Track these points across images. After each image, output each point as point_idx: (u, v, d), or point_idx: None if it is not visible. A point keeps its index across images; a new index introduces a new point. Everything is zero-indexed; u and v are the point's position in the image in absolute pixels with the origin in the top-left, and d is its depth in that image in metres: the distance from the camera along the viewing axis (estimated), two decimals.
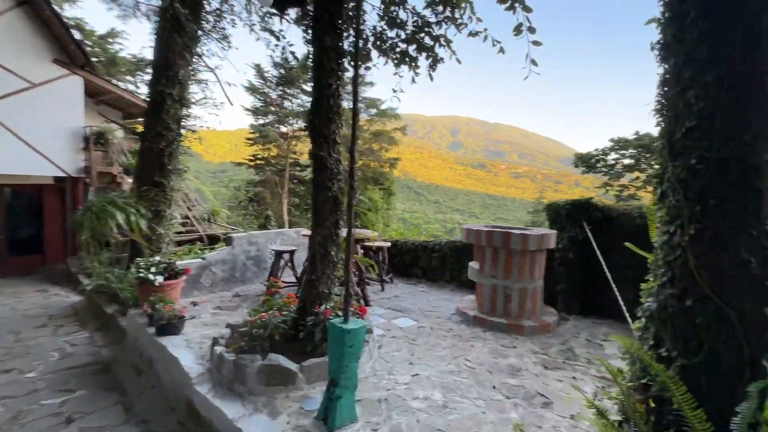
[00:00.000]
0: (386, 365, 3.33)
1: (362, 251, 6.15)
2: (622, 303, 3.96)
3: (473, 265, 4.88)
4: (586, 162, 20.63)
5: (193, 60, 6.83)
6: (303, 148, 35.98)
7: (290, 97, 32.68)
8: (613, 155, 20.10)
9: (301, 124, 33.89)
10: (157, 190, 6.31)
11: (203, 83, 8.41)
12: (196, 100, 10.17)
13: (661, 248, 1.72)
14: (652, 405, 1.48)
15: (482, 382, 3.07)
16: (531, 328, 4.23)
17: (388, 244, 6.32)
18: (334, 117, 3.64)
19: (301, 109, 33.20)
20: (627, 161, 19.75)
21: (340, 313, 3.48)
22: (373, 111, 34.56)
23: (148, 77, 6.44)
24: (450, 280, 6.57)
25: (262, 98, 32.17)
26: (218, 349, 3.06)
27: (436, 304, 5.34)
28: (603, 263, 4.44)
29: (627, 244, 2.54)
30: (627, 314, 3.60)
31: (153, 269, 4.42)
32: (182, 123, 7.08)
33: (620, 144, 19.29)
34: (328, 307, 3.31)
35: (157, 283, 4.24)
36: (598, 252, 4.54)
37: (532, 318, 4.44)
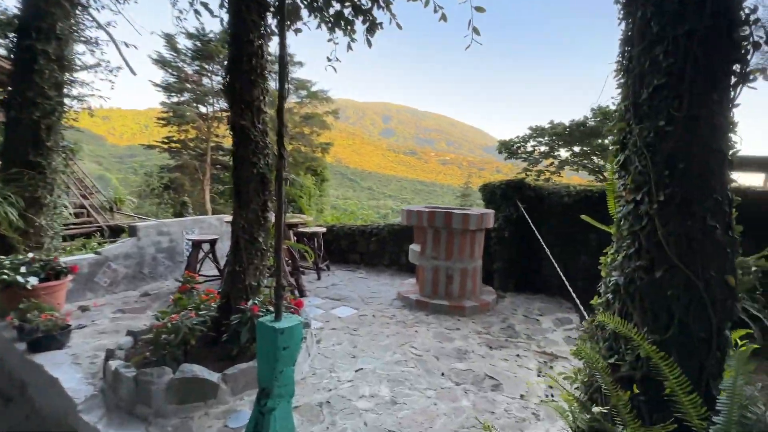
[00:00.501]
0: (327, 362, 2.99)
1: (295, 238, 5.66)
2: (565, 279, 4.07)
3: (414, 247, 4.71)
4: (509, 148, 22.01)
5: (76, 12, 5.58)
6: (226, 132, 33.21)
7: (209, 74, 29.68)
8: (531, 143, 21.69)
9: (223, 104, 31.16)
10: (33, 173, 5.13)
11: (93, 43, 6.96)
12: (87, 66, 8.50)
13: (625, 219, 1.61)
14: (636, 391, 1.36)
15: (430, 370, 2.89)
16: (472, 308, 4.20)
17: (323, 229, 5.90)
18: (258, 80, 3.11)
19: (222, 87, 30.44)
20: (543, 148, 21.46)
21: (271, 309, 3.04)
22: (304, 93, 33.05)
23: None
24: (389, 264, 6.38)
25: (175, 73, 28.74)
26: (114, 363, 2.44)
27: (376, 290, 5.11)
28: (542, 241, 4.55)
29: (584, 217, 2.48)
30: (573, 292, 3.68)
31: (23, 269, 3.50)
32: (66, 91, 5.83)
33: (537, 132, 20.82)
34: (256, 302, 2.84)
35: (29, 286, 3.36)
36: (535, 230, 4.65)
37: (473, 298, 4.43)
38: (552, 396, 2.56)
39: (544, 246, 4.54)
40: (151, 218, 10.27)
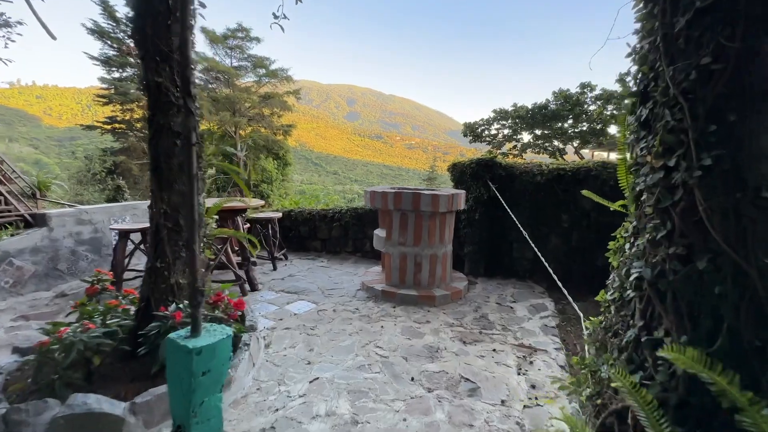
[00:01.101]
0: (276, 371, 2.51)
1: (248, 225, 5.04)
2: (546, 263, 3.79)
3: (379, 233, 4.27)
4: (474, 131, 21.94)
5: None
6: None
7: None
8: (495, 126, 21.72)
9: None
10: None
11: None
12: None
13: (649, 191, 1.23)
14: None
15: (398, 374, 2.49)
16: (443, 297, 3.85)
17: (279, 214, 5.31)
18: (178, 26, 2.46)
19: (129, 34, 27.96)
20: (506, 131, 21.57)
21: (210, 313, 2.50)
22: (262, 71, 31.17)
23: None
24: (353, 251, 5.92)
25: (114, 45, 25.98)
26: None
27: (338, 280, 4.64)
28: (517, 223, 4.25)
29: (585, 192, 2.12)
30: (550, 276, 3.39)
31: None
32: None
33: (501, 114, 20.85)
34: (180, 306, 2.29)
35: None
36: (509, 211, 4.34)
37: (443, 286, 4.08)
38: (536, 399, 2.25)
39: (521, 228, 4.25)
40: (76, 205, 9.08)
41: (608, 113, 17.09)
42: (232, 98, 28.83)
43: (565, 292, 3.38)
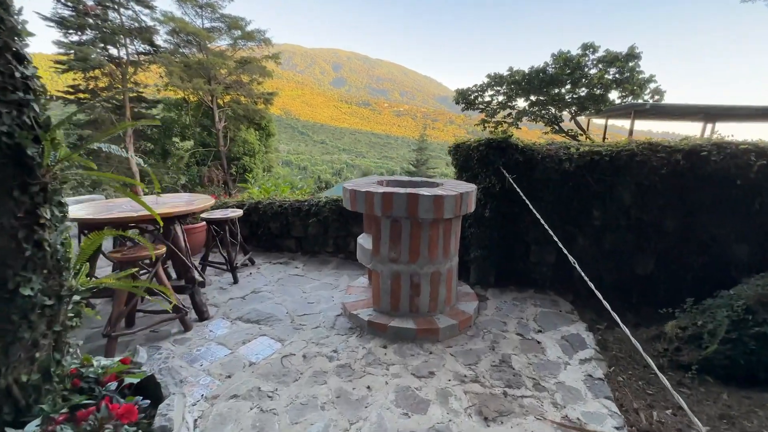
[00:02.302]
0: None
1: (202, 225, 4.00)
2: (584, 275, 2.89)
3: (364, 242, 3.28)
4: (466, 98, 20.55)
5: None
6: (146, 79, 28.38)
7: (115, 6, 24.48)
8: (489, 92, 20.33)
9: (139, 46, 26.25)
10: None
11: None
12: None
13: None
14: None
15: None
16: (448, 328, 2.94)
17: (239, 212, 4.25)
18: None
19: (135, 25, 25.44)
20: (501, 98, 20.24)
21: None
22: (237, 33, 28.63)
23: None
24: (334, 251, 4.95)
25: (70, 4, 23.25)
26: None
27: (314, 299, 3.69)
28: (543, 221, 3.30)
29: None
30: (597, 291, 2.48)
31: None
32: None
33: (496, 80, 19.44)
34: None
35: None
36: (531, 206, 3.37)
37: (448, 310, 3.17)
38: None
39: (546, 227, 3.29)
40: None
41: (610, 77, 15.91)
42: (205, 63, 26.54)
43: (616, 317, 2.51)
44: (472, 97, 20.44)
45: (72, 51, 24.01)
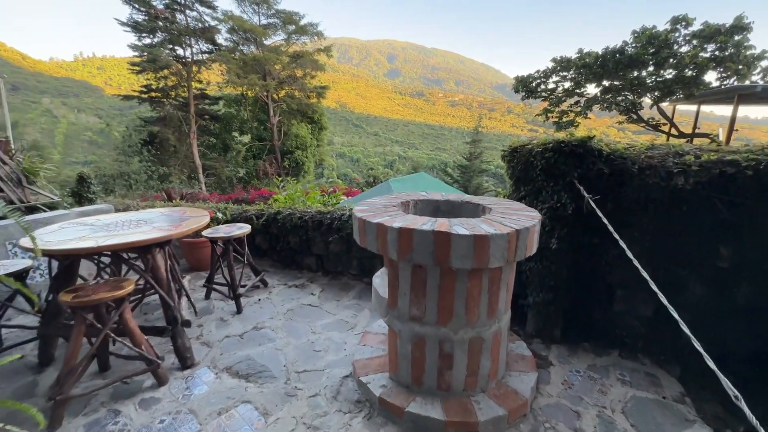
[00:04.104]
0: None
1: (201, 240, 3.45)
2: (697, 344, 1.86)
3: (379, 284, 2.46)
4: (527, 86, 18.61)
5: None
6: (209, 77, 29.76)
7: (182, 8, 25.77)
8: (554, 78, 18.20)
9: (203, 45, 27.51)
10: None
11: None
12: None
13: None
14: None
15: None
16: (492, 421, 2.04)
17: (246, 229, 3.64)
18: None
19: (199, 25, 26.65)
20: (567, 85, 18.02)
21: None
22: (291, 27, 28.89)
23: None
24: (358, 274, 4.19)
25: (143, 9, 24.89)
26: None
27: (323, 344, 2.97)
28: (631, 256, 2.24)
29: None
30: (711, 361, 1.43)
31: None
32: None
33: (562, 64, 17.31)
34: None
35: None
36: (617, 236, 2.33)
37: (492, 389, 2.26)
38: None
39: (640, 268, 2.22)
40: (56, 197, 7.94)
41: (707, 55, 13.26)
42: (260, 59, 27.12)
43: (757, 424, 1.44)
44: (534, 84, 18.47)
45: (144, 53, 25.77)
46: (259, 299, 3.75)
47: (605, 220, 2.49)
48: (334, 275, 4.29)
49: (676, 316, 1.88)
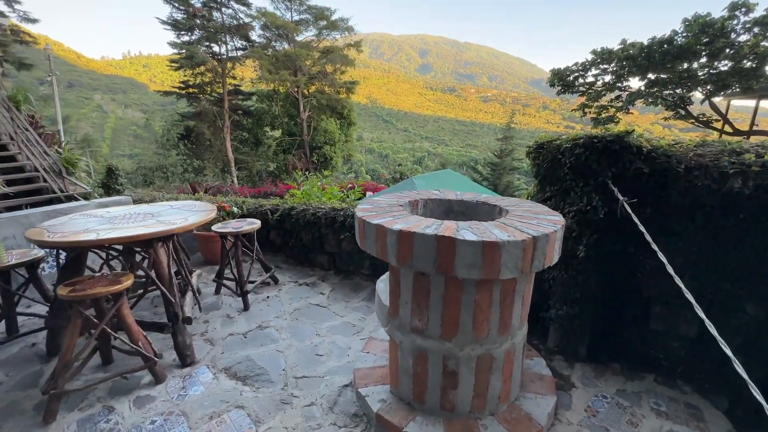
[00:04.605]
0: None
1: (209, 234, 3.40)
2: (746, 378, 1.55)
3: (382, 289, 2.28)
4: (563, 79, 17.66)
5: None
6: (243, 73, 30.54)
7: (218, 6, 26.53)
8: (593, 71, 17.16)
9: (237, 42, 28.24)
10: None
11: None
12: None
13: None
14: None
15: None
16: None
17: (255, 225, 3.56)
18: None
19: (234, 22, 27.35)
20: (607, 78, 16.94)
21: None
22: (323, 23, 29.07)
23: None
24: (370, 274, 4.02)
25: (182, 8, 25.86)
26: None
27: (326, 348, 2.83)
28: (670, 268, 1.94)
29: None
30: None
31: None
32: None
33: (603, 56, 16.27)
34: None
35: None
36: (655, 247, 2.02)
37: (502, 410, 2.02)
38: None
39: (679, 282, 1.89)
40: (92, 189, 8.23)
41: None
42: (291, 55, 27.48)
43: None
44: (571, 77, 17.50)
45: (183, 50, 26.78)
46: (268, 296, 3.67)
47: (642, 227, 2.18)
48: (346, 274, 4.14)
49: (716, 335, 1.58)
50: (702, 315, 1.68)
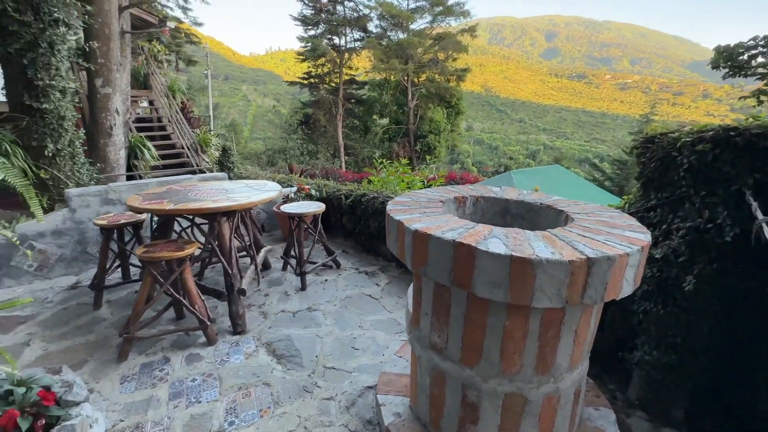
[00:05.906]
0: None
1: (279, 213, 3.59)
2: None
3: (410, 298, 2.04)
4: (731, 59, 13.89)
5: None
6: (358, 63, 32.15)
7: (342, 0, 28.22)
8: None
9: (356, 33, 29.72)
10: (32, 118, 4.69)
11: None
12: None
13: None
14: None
15: None
16: None
17: (320, 207, 3.62)
18: None
19: (354, 15, 28.78)
20: None
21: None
22: (438, 9, 28.54)
23: None
24: None
25: (310, 4, 28.29)
26: None
27: (364, 342, 2.72)
28: None
29: None
30: None
31: None
32: (69, 16, 4.97)
33: None
34: None
35: None
36: None
37: None
38: None
39: None
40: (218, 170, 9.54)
41: None
42: (403, 44, 27.73)
43: None
44: (745, 56, 13.70)
45: (308, 44, 29.37)
46: (326, 279, 3.73)
47: None
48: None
49: None
50: None
